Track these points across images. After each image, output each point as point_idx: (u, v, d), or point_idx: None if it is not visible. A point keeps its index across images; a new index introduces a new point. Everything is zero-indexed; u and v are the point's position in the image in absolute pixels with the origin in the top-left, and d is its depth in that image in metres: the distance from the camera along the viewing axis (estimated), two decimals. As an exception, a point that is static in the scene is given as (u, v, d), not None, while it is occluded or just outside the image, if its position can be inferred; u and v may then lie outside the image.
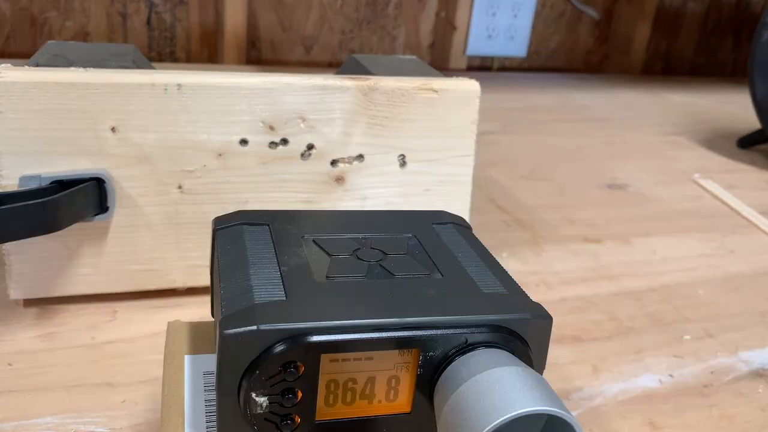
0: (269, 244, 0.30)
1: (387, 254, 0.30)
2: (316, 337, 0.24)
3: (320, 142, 0.42)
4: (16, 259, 0.39)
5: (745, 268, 0.56)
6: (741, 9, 1.41)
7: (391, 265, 0.29)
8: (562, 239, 0.58)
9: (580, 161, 0.79)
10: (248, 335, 0.23)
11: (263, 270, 0.27)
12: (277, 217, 0.32)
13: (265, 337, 0.24)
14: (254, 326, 0.23)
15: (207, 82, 0.39)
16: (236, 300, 0.25)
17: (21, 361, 0.36)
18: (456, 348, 0.25)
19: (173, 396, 0.28)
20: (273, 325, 0.24)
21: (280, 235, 0.30)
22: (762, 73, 0.85)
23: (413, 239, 0.32)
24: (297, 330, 0.24)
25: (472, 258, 0.31)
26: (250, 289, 0.26)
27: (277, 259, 0.28)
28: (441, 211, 0.35)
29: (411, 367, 0.26)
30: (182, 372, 0.29)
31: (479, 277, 0.29)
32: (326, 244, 0.30)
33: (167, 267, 0.42)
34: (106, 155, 0.38)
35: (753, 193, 0.75)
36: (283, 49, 1.09)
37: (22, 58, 0.94)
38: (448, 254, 0.31)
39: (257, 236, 0.30)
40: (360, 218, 0.33)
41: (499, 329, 0.26)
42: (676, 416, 0.37)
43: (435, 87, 0.44)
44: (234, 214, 0.32)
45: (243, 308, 0.24)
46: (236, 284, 0.26)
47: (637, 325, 0.46)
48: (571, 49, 1.32)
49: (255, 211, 0.32)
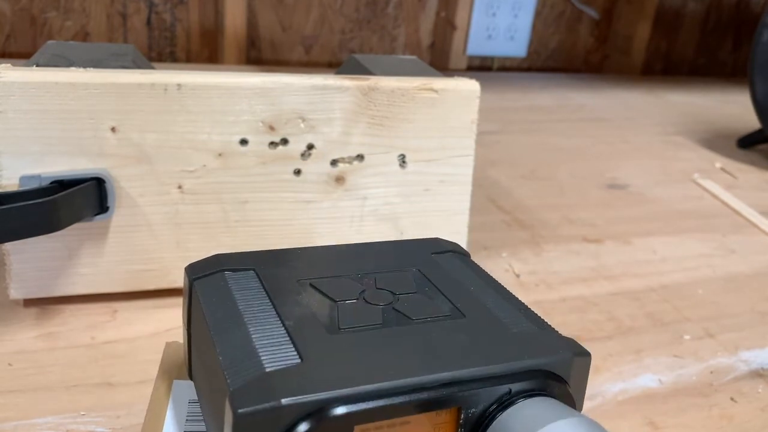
0: (262, 292, 0.26)
1: (396, 294, 0.27)
2: (346, 408, 0.20)
3: (320, 142, 0.42)
4: (16, 259, 0.39)
5: (745, 268, 0.56)
6: (741, 9, 1.41)
7: (406, 307, 0.26)
8: (562, 239, 0.58)
9: (580, 161, 0.79)
10: (268, 412, 0.20)
11: (265, 327, 0.24)
12: (261, 260, 0.28)
13: (289, 412, 0.20)
14: (274, 402, 0.20)
15: (207, 82, 0.39)
16: (242, 367, 0.22)
17: (21, 361, 0.36)
18: (498, 401, 0.23)
19: (153, 424, 0.27)
20: (295, 399, 0.20)
21: (270, 281, 0.27)
22: (762, 73, 0.85)
23: (417, 273, 0.29)
24: (322, 401, 0.20)
25: (486, 291, 0.28)
26: (255, 352, 0.22)
27: (276, 310, 0.25)
28: (436, 239, 0.33)
29: (449, 427, 0.23)
30: (167, 398, 0.29)
31: (502, 314, 0.27)
32: (326, 287, 0.27)
33: (167, 267, 0.42)
34: (106, 155, 0.38)
35: (753, 193, 0.75)
36: (283, 49, 1.09)
37: (22, 58, 0.94)
38: (459, 288, 0.28)
39: (244, 284, 0.26)
40: (352, 253, 0.30)
41: (539, 373, 0.23)
42: (676, 416, 0.37)
43: (435, 87, 0.44)
44: (210, 259, 0.28)
45: (253, 378, 0.21)
46: (236, 346, 0.23)
47: (637, 325, 0.46)
48: (571, 49, 1.32)
49: (234, 254, 0.29)
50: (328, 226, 0.44)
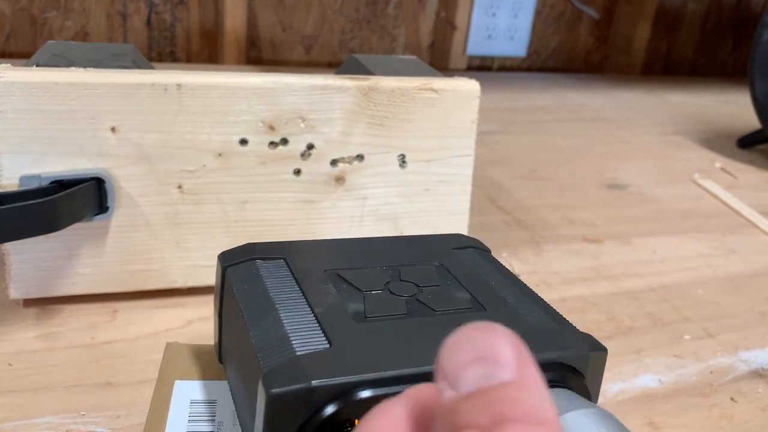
0: (291, 281, 0.27)
1: (421, 287, 0.28)
2: (372, 392, 0.21)
3: (320, 142, 0.42)
4: (16, 259, 0.39)
5: (745, 268, 0.56)
6: (741, 9, 1.41)
7: (429, 299, 0.27)
8: (562, 239, 0.58)
9: (580, 161, 0.79)
10: (299, 393, 0.21)
11: (295, 313, 0.25)
12: (290, 250, 0.30)
13: (319, 394, 0.21)
14: (306, 383, 0.21)
15: (207, 82, 0.39)
16: (274, 351, 0.23)
17: (21, 361, 0.36)
18: None
19: (155, 425, 0.27)
20: (325, 381, 0.21)
21: (300, 270, 0.28)
22: (762, 73, 0.85)
23: (440, 267, 0.30)
24: (350, 384, 0.21)
25: (507, 286, 0.29)
26: (287, 337, 0.23)
27: (306, 298, 0.26)
28: (458, 235, 0.34)
29: None
30: (169, 399, 0.29)
31: (522, 309, 0.27)
32: (353, 278, 0.28)
33: (167, 267, 0.42)
34: (106, 155, 0.38)
35: (753, 193, 0.75)
36: (283, 49, 1.09)
37: (22, 58, 0.94)
38: (481, 282, 0.29)
39: (275, 273, 0.28)
40: (377, 246, 0.31)
41: (557, 366, 0.24)
42: (676, 416, 0.37)
43: (435, 87, 0.44)
44: (243, 248, 0.29)
45: (285, 361, 0.22)
46: (268, 331, 0.24)
47: (637, 325, 0.46)
48: (571, 49, 1.32)
49: (265, 244, 0.30)
50: (328, 226, 0.44)
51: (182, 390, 0.29)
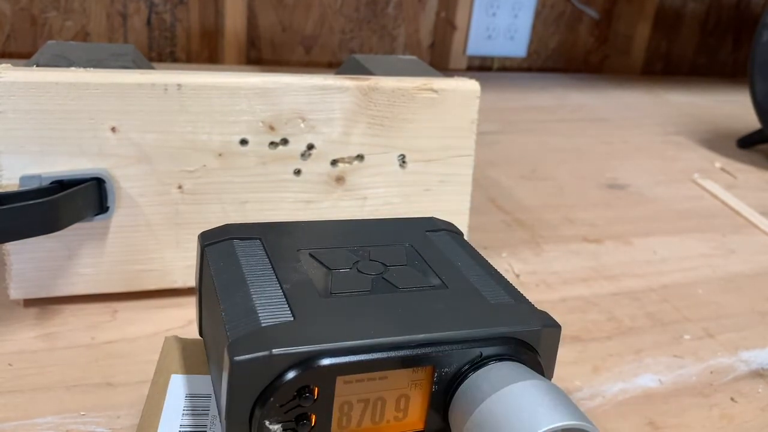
0: (265, 259, 0.28)
1: (387, 266, 0.29)
2: (331, 360, 0.23)
3: (320, 142, 0.42)
4: (16, 259, 0.39)
5: (745, 268, 0.56)
6: (741, 9, 1.41)
7: (394, 278, 0.28)
8: (562, 239, 0.58)
9: (580, 161, 0.79)
10: (261, 361, 0.22)
11: (264, 288, 0.26)
12: (267, 230, 0.31)
13: (279, 361, 0.22)
14: (267, 351, 0.22)
15: (207, 82, 0.39)
16: (241, 322, 0.24)
17: (21, 361, 0.36)
18: (470, 363, 0.25)
19: (149, 418, 0.28)
20: (286, 349, 0.22)
21: (274, 250, 0.29)
22: (762, 73, 0.85)
23: (410, 248, 0.31)
24: (310, 353, 0.23)
25: (471, 266, 0.30)
26: (254, 309, 0.25)
27: (276, 275, 0.27)
28: (431, 218, 0.35)
29: (425, 384, 0.25)
30: (165, 392, 0.29)
31: (483, 287, 0.29)
32: (324, 257, 0.29)
33: (167, 267, 0.42)
34: (106, 155, 0.38)
35: (753, 193, 0.75)
36: (283, 49, 1.09)
37: (22, 58, 0.94)
38: (447, 263, 0.30)
39: (250, 251, 0.29)
40: (352, 228, 0.32)
41: (510, 341, 0.26)
42: (676, 416, 0.37)
43: (435, 87, 0.44)
44: (221, 228, 0.30)
45: (250, 332, 0.23)
46: (238, 305, 0.25)
47: (637, 325, 0.46)
48: (571, 49, 1.32)
49: (243, 225, 0.31)
50: (328, 226, 0.44)
51: (178, 384, 0.29)
